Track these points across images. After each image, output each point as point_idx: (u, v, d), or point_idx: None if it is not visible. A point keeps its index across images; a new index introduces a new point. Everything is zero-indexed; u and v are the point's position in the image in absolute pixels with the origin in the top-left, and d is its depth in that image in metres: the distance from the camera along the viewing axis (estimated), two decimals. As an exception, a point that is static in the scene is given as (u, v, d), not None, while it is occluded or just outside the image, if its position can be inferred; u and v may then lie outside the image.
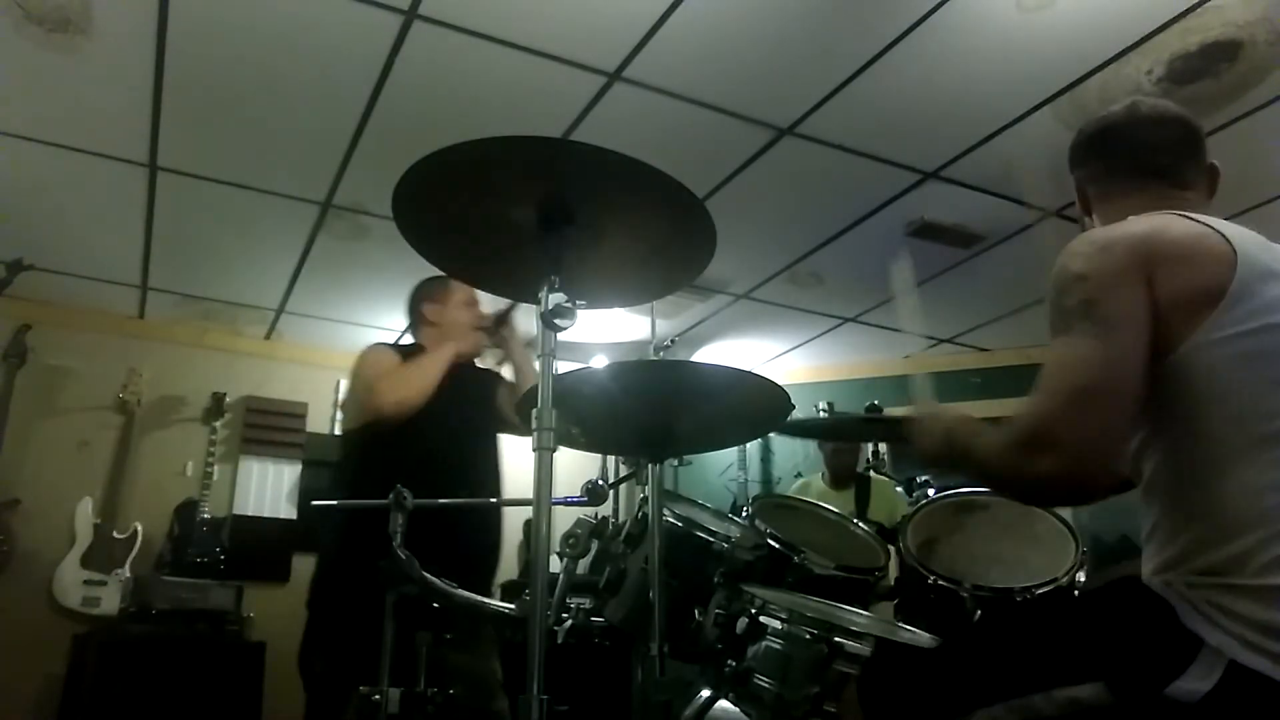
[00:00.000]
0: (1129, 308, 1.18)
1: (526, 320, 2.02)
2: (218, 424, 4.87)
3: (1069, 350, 1.20)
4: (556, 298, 1.34)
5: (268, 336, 5.18)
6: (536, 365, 1.39)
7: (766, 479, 5.37)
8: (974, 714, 1.16)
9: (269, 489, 5.00)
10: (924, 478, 2.74)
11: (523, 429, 1.82)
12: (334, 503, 2.25)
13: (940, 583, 2.09)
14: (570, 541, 1.70)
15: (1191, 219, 1.27)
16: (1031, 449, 1.16)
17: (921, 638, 1.77)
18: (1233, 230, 1.24)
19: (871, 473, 4.03)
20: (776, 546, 1.99)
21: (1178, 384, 1.18)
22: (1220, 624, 1.06)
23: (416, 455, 2.30)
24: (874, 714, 1.28)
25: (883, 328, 4.92)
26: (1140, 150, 1.44)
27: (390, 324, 4.93)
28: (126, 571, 4.31)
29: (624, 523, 1.95)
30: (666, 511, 1.88)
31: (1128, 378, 1.16)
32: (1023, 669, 1.17)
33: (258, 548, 4.77)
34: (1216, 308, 1.16)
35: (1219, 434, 1.15)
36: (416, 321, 2.76)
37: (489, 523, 2.58)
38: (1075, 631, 1.19)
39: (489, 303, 2.56)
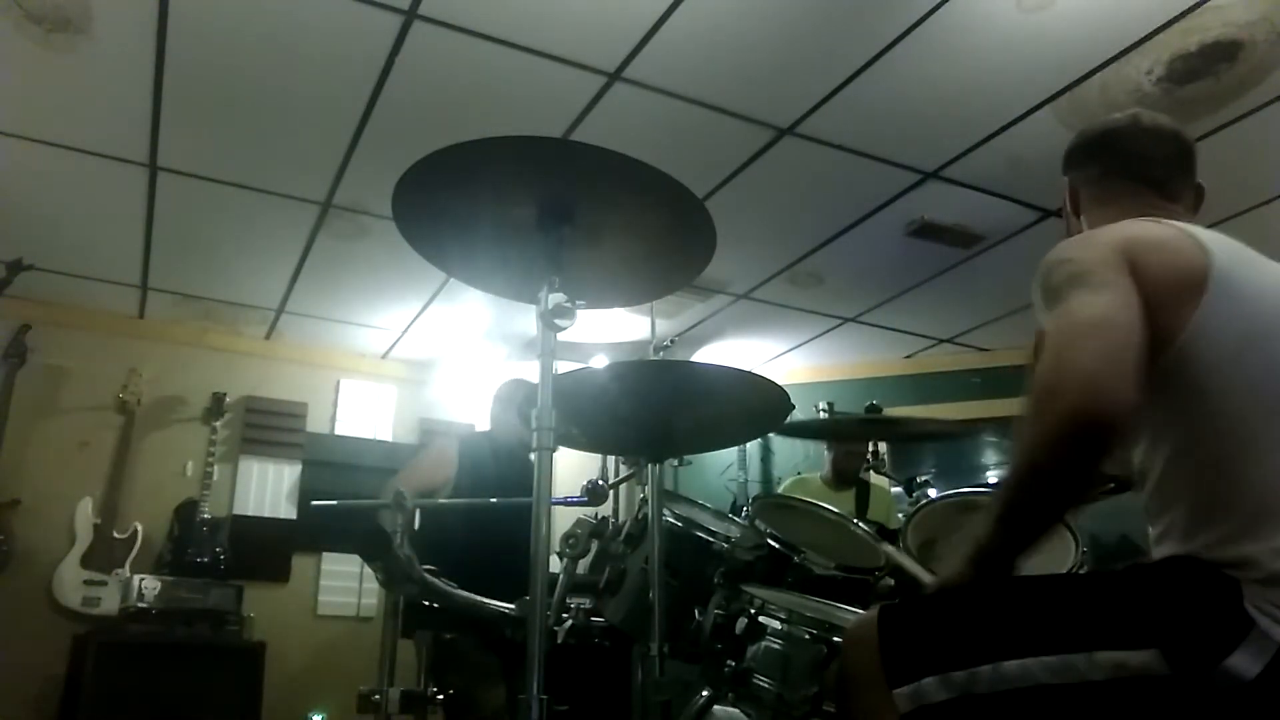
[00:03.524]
0: (1119, 276, 1.20)
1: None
2: (218, 424, 4.87)
3: (1065, 313, 1.19)
4: (556, 298, 1.34)
5: (268, 336, 5.18)
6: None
7: (766, 479, 5.36)
8: (1002, 665, 1.13)
9: (269, 489, 4.99)
10: (924, 477, 2.73)
11: None
12: (334, 503, 2.25)
13: (940, 583, 2.09)
14: (570, 541, 1.70)
15: (1165, 224, 1.32)
16: (1044, 403, 1.11)
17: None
18: (1203, 232, 1.29)
19: (871, 474, 4.01)
20: (776, 546, 2.00)
21: (1184, 375, 1.18)
22: (1268, 611, 1.06)
23: None
24: (891, 651, 1.22)
25: (883, 328, 4.92)
26: (1139, 160, 1.48)
27: (389, 324, 4.95)
28: (126, 571, 4.30)
29: (624, 523, 1.95)
30: (666, 511, 1.88)
31: (1128, 317, 1.15)
32: (1063, 628, 1.14)
33: (258, 548, 4.77)
34: (1203, 295, 1.18)
35: (1235, 422, 1.15)
36: None
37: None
38: (1129, 598, 1.15)
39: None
